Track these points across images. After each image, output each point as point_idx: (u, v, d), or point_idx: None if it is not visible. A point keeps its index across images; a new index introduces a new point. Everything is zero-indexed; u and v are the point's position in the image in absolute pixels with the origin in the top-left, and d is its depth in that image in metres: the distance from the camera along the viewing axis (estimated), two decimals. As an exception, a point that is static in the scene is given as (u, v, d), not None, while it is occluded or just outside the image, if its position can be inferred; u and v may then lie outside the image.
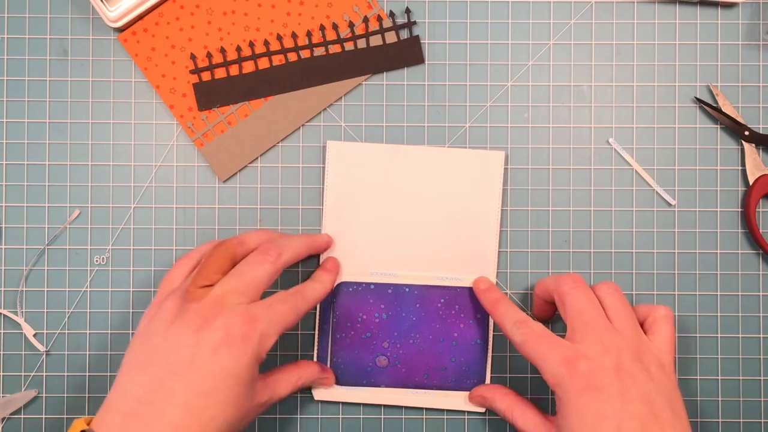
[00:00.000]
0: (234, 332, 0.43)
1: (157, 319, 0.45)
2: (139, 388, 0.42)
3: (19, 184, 0.54)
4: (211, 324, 0.43)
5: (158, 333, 0.44)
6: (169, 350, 0.43)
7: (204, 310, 0.44)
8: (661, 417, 0.42)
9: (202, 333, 0.43)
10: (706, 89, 0.54)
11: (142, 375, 0.42)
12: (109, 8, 0.52)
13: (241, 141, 0.54)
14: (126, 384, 0.43)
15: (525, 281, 0.54)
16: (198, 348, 0.42)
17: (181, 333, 0.43)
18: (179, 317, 0.44)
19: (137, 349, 0.44)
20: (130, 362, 0.44)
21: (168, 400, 0.41)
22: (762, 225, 0.54)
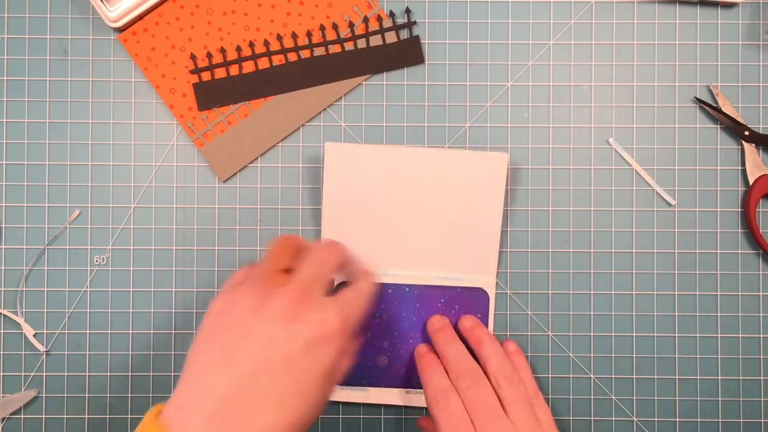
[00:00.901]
0: (329, 328, 0.40)
1: (238, 307, 0.40)
2: (224, 386, 0.38)
3: (19, 184, 0.54)
4: (305, 316, 0.40)
5: (241, 323, 0.40)
6: (259, 344, 0.39)
7: (291, 297, 0.40)
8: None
9: (294, 325, 0.39)
10: (706, 89, 0.54)
11: (226, 371, 0.38)
12: (109, 8, 0.52)
13: (241, 141, 0.54)
14: (207, 380, 0.38)
15: (525, 281, 0.54)
16: (292, 343, 0.39)
17: (269, 323, 0.39)
18: (264, 305, 0.40)
19: (215, 341, 0.40)
20: (208, 356, 0.39)
21: (260, 400, 0.38)
22: (762, 225, 0.54)
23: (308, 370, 0.39)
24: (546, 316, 0.54)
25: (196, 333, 0.42)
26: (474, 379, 0.47)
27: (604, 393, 0.54)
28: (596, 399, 0.53)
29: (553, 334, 0.54)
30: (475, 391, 0.47)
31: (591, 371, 0.54)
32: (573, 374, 0.54)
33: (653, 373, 0.54)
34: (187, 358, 0.40)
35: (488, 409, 0.46)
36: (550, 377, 0.54)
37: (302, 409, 0.39)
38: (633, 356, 0.54)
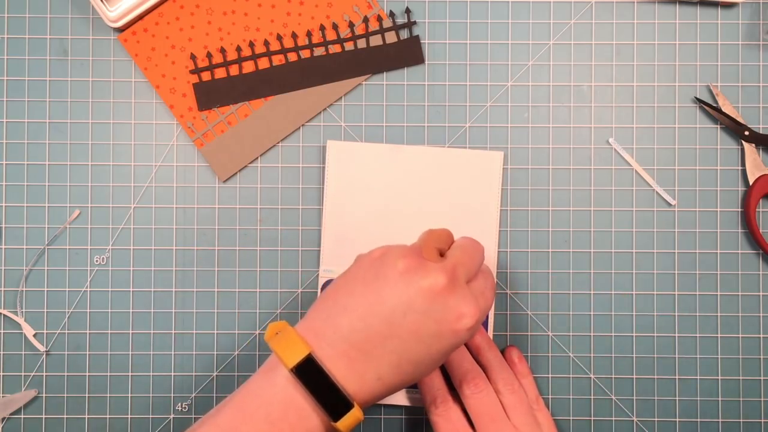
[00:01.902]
0: (464, 323, 0.41)
1: (389, 264, 0.42)
2: (356, 334, 0.41)
3: (19, 184, 0.54)
4: (446, 301, 0.41)
5: (387, 278, 0.41)
6: (396, 307, 0.41)
7: (441, 279, 0.41)
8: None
9: (435, 305, 0.41)
10: (706, 89, 0.54)
11: (361, 322, 0.41)
12: (109, 8, 0.52)
13: (241, 141, 0.54)
14: (342, 323, 0.41)
15: (525, 281, 0.54)
16: (426, 321, 0.41)
17: (412, 292, 0.41)
18: (415, 274, 0.41)
19: (359, 289, 0.42)
20: (349, 299, 0.42)
21: (383, 357, 0.41)
22: (762, 225, 0.54)
23: (432, 348, 0.41)
24: (546, 316, 0.54)
25: None
26: (478, 384, 0.48)
27: (604, 393, 0.54)
28: (596, 399, 0.53)
29: (553, 334, 0.54)
30: (479, 396, 0.48)
31: (591, 371, 0.54)
32: (573, 374, 0.54)
33: (653, 373, 0.54)
34: (329, 288, 0.43)
35: (492, 414, 0.47)
36: (550, 377, 0.54)
37: (411, 375, 0.42)
38: (633, 356, 0.54)
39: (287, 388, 0.41)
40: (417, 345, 0.41)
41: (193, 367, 0.54)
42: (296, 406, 0.41)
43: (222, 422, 0.41)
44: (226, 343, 0.54)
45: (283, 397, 0.41)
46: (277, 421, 0.40)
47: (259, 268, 0.54)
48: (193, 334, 0.54)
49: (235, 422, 0.41)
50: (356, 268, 0.44)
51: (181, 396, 0.54)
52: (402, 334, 0.41)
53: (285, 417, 0.40)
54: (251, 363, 0.54)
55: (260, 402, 0.41)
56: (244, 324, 0.54)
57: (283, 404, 0.41)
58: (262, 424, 0.40)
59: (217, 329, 0.54)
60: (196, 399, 0.54)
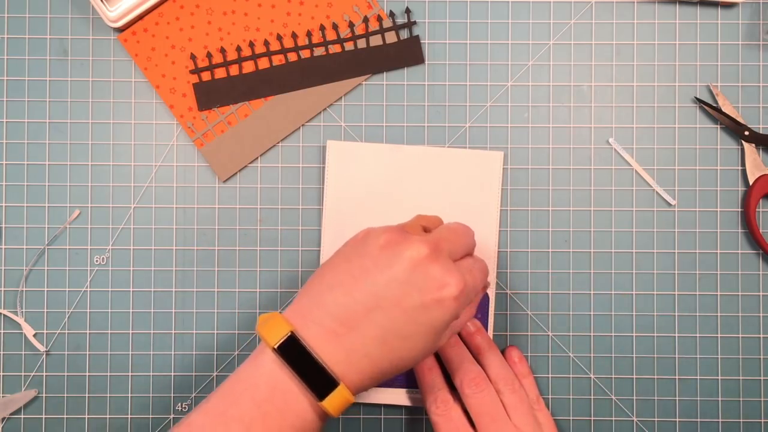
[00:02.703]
0: (448, 293, 0.41)
1: (371, 240, 0.42)
2: (342, 308, 0.41)
3: (19, 184, 0.54)
4: (428, 270, 0.41)
5: (369, 254, 0.42)
6: (379, 279, 0.41)
7: (423, 250, 0.41)
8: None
9: (416, 274, 0.41)
10: (706, 89, 0.54)
11: (346, 296, 0.41)
12: (109, 8, 0.52)
13: (241, 141, 0.54)
14: (327, 300, 0.41)
15: (525, 281, 0.54)
16: (409, 290, 0.41)
17: (394, 262, 0.41)
18: (397, 246, 0.42)
19: (343, 266, 0.42)
20: (334, 277, 0.42)
21: (368, 330, 0.41)
22: (762, 225, 0.54)
23: (418, 321, 0.41)
24: (546, 316, 0.54)
25: None
26: (479, 384, 0.48)
27: (604, 393, 0.54)
28: (596, 399, 0.53)
29: (553, 334, 0.54)
30: (480, 396, 0.48)
31: (591, 371, 0.54)
32: (573, 374, 0.54)
33: (653, 373, 0.54)
34: (315, 272, 0.44)
35: (492, 414, 0.47)
36: (550, 377, 0.54)
37: (400, 352, 0.41)
38: (633, 356, 0.54)
39: (273, 370, 0.41)
40: (402, 316, 0.41)
41: (193, 367, 0.54)
42: (282, 387, 0.41)
43: (210, 408, 0.41)
44: (226, 343, 0.54)
45: (269, 379, 0.41)
46: (263, 403, 0.40)
47: (259, 268, 0.54)
48: (193, 334, 0.54)
49: (223, 406, 0.41)
50: (341, 249, 0.44)
51: (181, 396, 0.54)
52: (386, 306, 0.41)
53: (271, 399, 0.40)
54: (251, 363, 0.54)
55: (246, 385, 0.41)
56: (244, 324, 0.54)
57: (268, 386, 0.41)
58: (248, 407, 0.40)
59: (217, 329, 0.54)
60: (196, 399, 0.54)
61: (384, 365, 0.42)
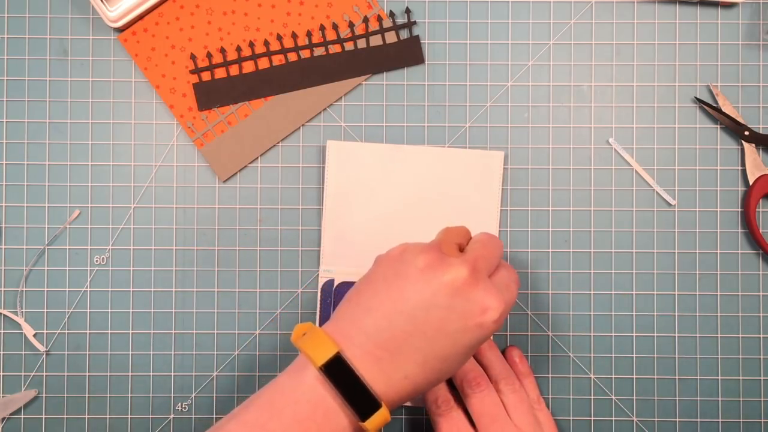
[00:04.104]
0: (489, 315, 0.41)
1: (409, 261, 0.42)
2: (381, 333, 0.41)
3: (19, 184, 0.54)
4: (469, 295, 0.41)
5: (408, 276, 0.41)
6: (418, 304, 0.41)
7: (463, 273, 0.41)
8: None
9: (457, 299, 0.41)
10: (706, 89, 0.54)
11: (386, 320, 0.41)
12: (109, 8, 0.52)
13: (241, 141, 0.54)
14: (367, 323, 0.41)
15: (525, 281, 0.54)
16: (450, 315, 0.41)
17: (434, 287, 0.41)
18: (435, 270, 0.41)
19: (382, 289, 0.42)
20: (373, 299, 0.42)
21: (409, 355, 0.41)
22: (762, 225, 0.54)
23: (458, 343, 0.41)
24: (546, 316, 0.54)
25: None
26: (479, 384, 0.48)
27: (604, 393, 0.54)
28: (596, 399, 0.53)
29: (553, 334, 0.54)
30: (480, 396, 0.48)
31: (591, 371, 0.54)
32: (573, 374, 0.54)
33: (653, 373, 0.54)
34: (353, 290, 0.43)
35: (493, 414, 0.47)
36: (550, 377, 0.54)
37: (438, 372, 0.42)
38: (633, 356, 0.54)
39: (316, 387, 0.41)
40: (443, 341, 0.41)
41: (193, 367, 0.54)
42: (324, 405, 0.40)
43: (249, 419, 0.40)
44: (226, 343, 0.54)
45: (312, 396, 0.40)
46: (305, 420, 0.40)
47: (259, 268, 0.54)
48: (193, 334, 0.54)
49: (263, 419, 0.40)
50: (376, 268, 0.43)
51: (181, 396, 0.54)
52: (427, 331, 0.41)
53: (313, 416, 0.40)
54: (251, 363, 0.54)
55: (288, 400, 0.41)
56: (244, 324, 0.54)
57: (311, 403, 0.40)
58: (289, 422, 0.40)
59: (217, 329, 0.54)
60: (196, 399, 0.54)
61: (421, 384, 0.42)
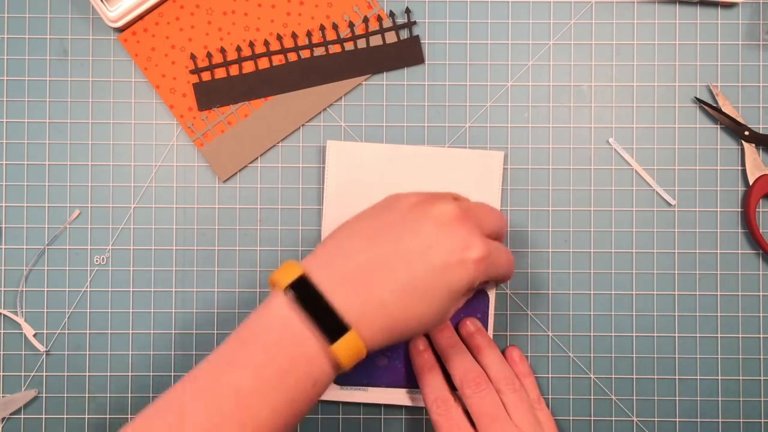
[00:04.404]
0: (471, 254, 0.41)
1: (400, 200, 0.43)
2: (363, 255, 0.41)
3: (19, 184, 0.54)
4: (454, 230, 0.41)
5: (397, 210, 0.42)
6: (404, 231, 0.41)
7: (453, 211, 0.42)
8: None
9: (443, 232, 0.41)
10: (706, 89, 0.54)
11: (369, 244, 0.41)
12: (109, 8, 0.52)
13: (241, 141, 0.54)
14: (350, 247, 0.41)
15: (525, 281, 0.54)
16: (433, 246, 0.41)
17: (421, 218, 0.41)
18: (424, 201, 0.42)
19: (370, 221, 0.43)
20: (359, 228, 0.42)
21: (386, 279, 0.40)
22: (762, 225, 0.54)
23: (438, 279, 0.41)
24: (546, 316, 0.54)
25: None
26: (479, 384, 0.48)
27: (604, 393, 0.54)
28: (596, 399, 0.53)
29: (553, 334, 0.54)
30: (480, 396, 0.48)
31: (591, 371, 0.54)
32: (573, 374, 0.54)
33: (653, 373, 0.54)
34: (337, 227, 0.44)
35: (493, 414, 0.47)
36: (550, 377, 0.54)
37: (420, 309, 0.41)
38: (633, 356, 0.54)
39: (283, 313, 0.40)
40: (423, 272, 0.41)
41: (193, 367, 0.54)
42: (293, 329, 0.40)
43: (220, 355, 0.40)
44: (226, 343, 0.54)
45: (279, 322, 0.40)
46: (272, 346, 0.39)
47: (259, 268, 0.54)
48: (193, 334, 0.54)
49: (232, 351, 0.40)
50: (366, 210, 0.44)
51: (181, 396, 0.54)
52: (409, 258, 0.41)
53: (280, 341, 0.39)
54: (251, 363, 0.54)
55: (256, 329, 0.40)
56: (244, 324, 0.54)
57: (278, 329, 0.40)
58: (258, 351, 0.39)
59: (217, 329, 0.54)
60: (196, 399, 0.54)
61: (398, 320, 0.41)
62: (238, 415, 0.38)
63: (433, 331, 0.51)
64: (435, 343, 0.51)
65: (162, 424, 0.38)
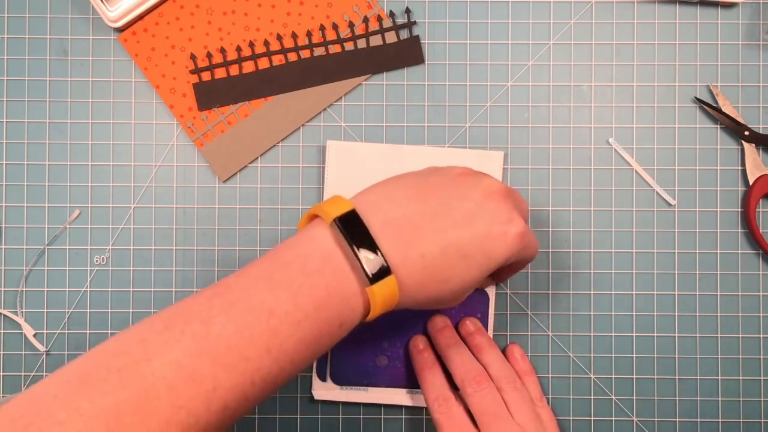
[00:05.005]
0: (513, 228, 0.41)
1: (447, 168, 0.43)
2: (412, 207, 0.40)
3: (19, 184, 0.54)
4: (500, 203, 0.42)
5: (447, 175, 0.43)
6: (454, 193, 0.41)
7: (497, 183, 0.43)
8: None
9: (490, 202, 0.42)
10: (706, 89, 0.54)
11: (419, 198, 0.41)
12: (109, 8, 0.52)
13: (241, 141, 0.54)
14: (400, 196, 0.41)
15: (525, 281, 0.54)
16: (479, 213, 0.41)
17: (472, 186, 0.42)
18: (471, 174, 0.43)
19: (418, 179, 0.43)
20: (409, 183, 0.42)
21: (432, 234, 0.40)
22: (762, 225, 0.54)
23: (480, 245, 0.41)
24: (546, 316, 0.54)
25: None
26: (480, 383, 0.48)
27: (604, 393, 0.54)
28: (596, 399, 0.53)
29: (553, 334, 0.54)
30: (482, 395, 0.47)
31: (591, 371, 0.54)
32: (573, 374, 0.54)
33: (653, 373, 0.54)
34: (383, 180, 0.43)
35: (494, 412, 0.47)
36: (550, 377, 0.54)
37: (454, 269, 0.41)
38: (633, 356, 0.54)
39: (328, 244, 0.39)
40: (467, 235, 0.40)
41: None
42: (334, 262, 0.39)
43: (254, 272, 0.39)
44: (226, 343, 0.54)
45: (322, 251, 0.39)
46: (313, 274, 0.38)
47: (259, 268, 0.54)
48: (193, 334, 0.54)
49: (269, 271, 0.38)
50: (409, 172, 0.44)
51: (181, 396, 0.54)
52: (455, 217, 0.41)
53: (321, 271, 0.38)
54: (251, 363, 0.54)
55: (297, 253, 0.39)
56: (244, 324, 0.54)
57: (320, 258, 0.39)
58: (296, 274, 0.38)
59: (217, 329, 0.54)
60: (196, 399, 0.54)
61: (434, 277, 0.40)
62: (266, 338, 0.37)
63: (432, 331, 0.51)
64: (435, 342, 0.51)
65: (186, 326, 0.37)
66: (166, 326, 0.37)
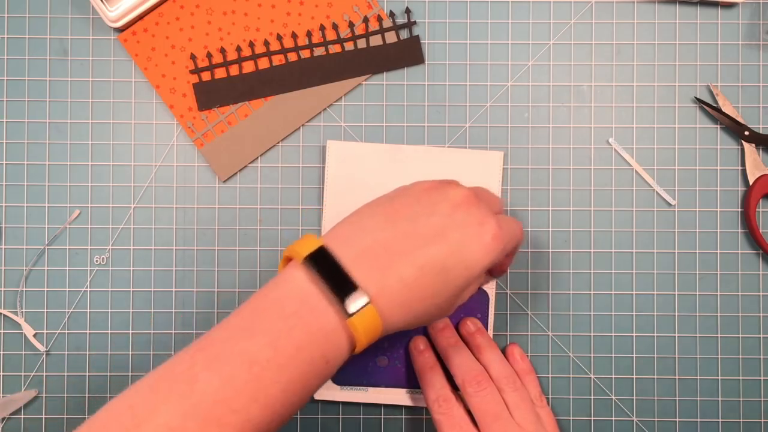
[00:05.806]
0: (487, 231, 0.41)
1: (414, 185, 0.44)
2: (382, 233, 0.40)
3: (19, 184, 0.54)
4: (468, 209, 0.42)
5: (413, 194, 0.43)
6: (422, 210, 0.41)
7: (462, 190, 0.42)
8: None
9: (458, 212, 0.41)
10: (706, 89, 0.54)
11: (387, 223, 0.41)
12: (109, 8, 0.52)
13: (241, 141, 0.54)
14: (368, 225, 0.41)
15: (525, 281, 0.54)
16: (449, 225, 0.41)
17: (438, 200, 0.42)
18: (438, 186, 0.43)
19: (385, 204, 0.43)
20: (376, 210, 0.42)
21: (406, 256, 0.40)
22: (762, 225, 0.54)
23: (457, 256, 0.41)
24: (546, 316, 0.54)
25: None
26: (480, 383, 0.48)
27: (604, 393, 0.54)
28: (596, 399, 0.53)
29: (553, 334, 0.54)
30: (482, 395, 0.48)
31: (591, 371, 0.54)
32: (573, 374, 0.54)
33: (653, 373, 0.54)
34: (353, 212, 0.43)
35: (495, 412, 0.47)
36: (550, 377, 0.54)
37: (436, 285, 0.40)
38: (633, 356, 0.54)
39: (302, 284, 0.39)
40: (443, 248, 0.40)
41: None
42: (311, 302, 0.39)
43: (234, 322, 0.39)
44: (226, 343, 0.54)
45: (298, 292, 0.39)
46: (291, 316, 0.38)
47: (259, 268, 0.54)
48: (193, 335, 0.54)
49: (248, 319, 0.39)
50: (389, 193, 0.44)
51: (181, 396, 0.54)
52: (426, 234, 0.40)
53: (298, 312, 0.38)
54: (251, 363, 0.54)
55: (274, 297, 0.39)
56: (244, 324, 0.54)
57: (297, 299, 0.39)
58: (274, 318, 0.38)
59: (217, 329, 0.54)
60: (196, 399, 0.54)
61: (416, 297, 0.40)
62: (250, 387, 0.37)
63: (433, 331, 0.51)
64: (435, 342, 0.51)
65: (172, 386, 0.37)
66: (152, 389, 0.37)
